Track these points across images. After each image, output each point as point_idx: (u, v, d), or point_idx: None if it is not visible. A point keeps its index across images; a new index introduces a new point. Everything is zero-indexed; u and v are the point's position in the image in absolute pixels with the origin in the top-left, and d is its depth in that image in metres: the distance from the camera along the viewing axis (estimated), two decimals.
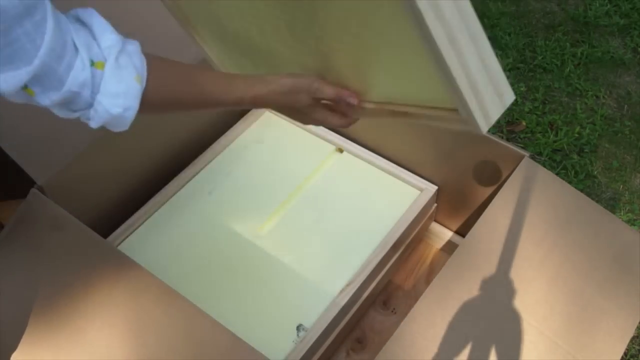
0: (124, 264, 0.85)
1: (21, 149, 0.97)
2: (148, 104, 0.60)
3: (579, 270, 0.92)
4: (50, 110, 0.59)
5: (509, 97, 0.62)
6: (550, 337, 0.84)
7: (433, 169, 1.17)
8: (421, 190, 1.17)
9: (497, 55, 2.15)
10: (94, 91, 0.56)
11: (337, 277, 1.03)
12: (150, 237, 1.09)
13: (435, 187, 1.17)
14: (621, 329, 0.87)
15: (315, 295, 1.01)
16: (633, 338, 1.39)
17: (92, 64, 0.55)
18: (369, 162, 1.21)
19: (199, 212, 1.13)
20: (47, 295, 0.84)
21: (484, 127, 0.60)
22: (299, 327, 0.98)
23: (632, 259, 0.95)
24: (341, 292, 1.01)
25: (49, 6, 0.52)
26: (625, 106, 1.90)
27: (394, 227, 1.10)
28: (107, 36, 0.57)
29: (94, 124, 0.59)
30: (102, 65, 0.56)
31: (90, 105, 0.57)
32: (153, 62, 0.61)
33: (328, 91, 0.70)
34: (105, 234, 1.07)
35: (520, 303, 0.86)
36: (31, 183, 0.94)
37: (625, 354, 1.36)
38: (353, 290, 1.01)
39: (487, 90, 0.62)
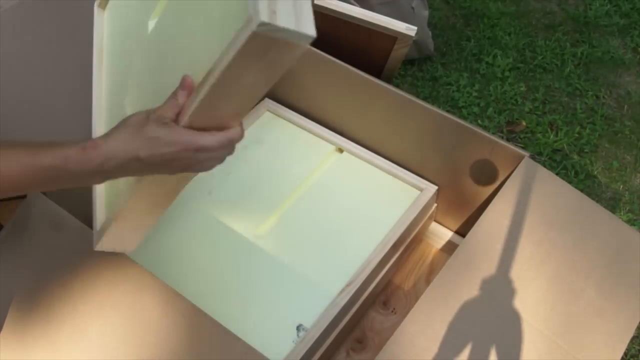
0: (124, 264, 0.85)
1: None
2: None
3: (579, 270, 0.92)
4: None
5: (309, 29, 0.53)
6: (550, 337, 0.84)
7: (433, 169, 1.17)
8: (421, 190, 1.17)
9: (497, 55, 2.14)
10: None
11: (337, 277, 1.03)
12: (150, 237, 1.09)
13: (435, 187, 1.17)
14: (621, 329, 0.87)
15: (315, 295, 1.01)
16: (633, 338, 1.39)
17: None
18: (369, 162, 1.21)
19: (199, 212, 1.13)
20: (46, 295, 0.84)
21: (262, 15, 0.50)
22: (299, 327, 0.97)
23: (632, 259, 0.95)
24: (341, 292, 1.01)
25: None
26: (625, 106, 1.90)
27: (394, 227, 1.10)
28: None
29: None
30: None
31: None
32: None
33: (165, 104, 0.59)
34: None
35: (520, 303, 0.86)
36: None
37: (625, 354, 1.36)
38: (353, 290, 1.01)
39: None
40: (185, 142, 0.57)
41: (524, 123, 1.83)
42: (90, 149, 0.57)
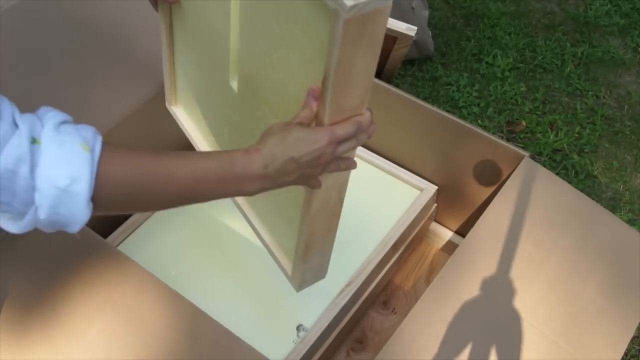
0: (124, 264, 0.85)
1: None
2: (107, 188, 0.52)
3: (579, 270, 0.92)
4: None
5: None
6: (550, 337, 0.84)
7: (433, 169, 1.17)
8: (421, 190, 1.17)
9: (497, 55, 2.14)
10: (33, 166, 0.48)
11: (337, 277, 1.03)
12: (150, 237, 1.09)
13: (435, 187, 1.17)
14: (621, 329, 0.87)
15: (315, 295, 1.01)
16: (633, 338, 1.39)
17: (33, 141, 0.48)
18: (369, 162, 1.21)
19: (199, 212, 1.13)
20: (47, 295, 0.84)
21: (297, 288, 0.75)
22: (299, 327, 0.97)
23: (632, 259, 0.95)
24: (341, 292, 1.01)
25: None
26: (626, 106, 1.90)
27: (394, 227, 1.10)
28: (51, 113, 0.52)
29: (42, 213, 0.50)
30: (39, 141, 0.49)
31: (32, 188, 0.48)
32: (110, 144, 0.54)
33: (300, 114, 0.62)
34: (105, 234, 1.07)
35: (521, 303, 0.86)
36: None
37: (625, 354, 1.36)
38: (353, 290, 1.01)
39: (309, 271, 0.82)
40: (328, 136, 0.60)
41: (524, 123, 1.82)
42: (253, 152, 0.59)
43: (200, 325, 0.80)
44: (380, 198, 1.15)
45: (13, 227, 0.52)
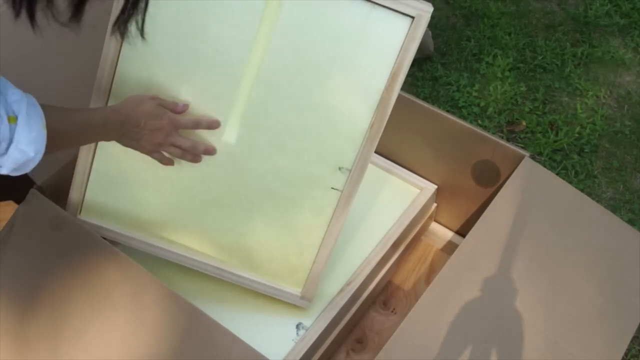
0: (124, 264, 0.85)
1: None
2: (50, 144, 0.68)
3: (579, 270, 0.92)
4: None
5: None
6: (550, 337, 0.84)
7: (433, 169, 1.17)
8: (420, 189, 1.17)
9: (497, 55, 2.13)
10: (10, 143, 0.63)
11: (336, 277, 1.03)
12: None
13: (435, 187, 1.17)
14: (621, 329, 0.87)
15: (314, 295, 1.01)
16: (633, 338, 1.39)
17: (7, 119, 0.62)
18: (369, 162, 1.21)
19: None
20: (46, 295, 0.83)
21: (428, 7, 0.79)
22: (298, 326, 0.97)
23: (632, 259, 0.95)
24: (340, 291, 1.01)
25: None
26: (626, 106, 1.90)
27: (393, 227, 1.10)
28: (12, 91, 0.64)
29: (4, 170, 0.65)
30: (15, 120, 0.63)
31: (2, 154, 0.63)
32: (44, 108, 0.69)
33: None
34: None
35: (521, 303, 0.86)
36: (31, 183, 0.94)
37: (625, 354, 1.36)
38: (352, 290, 1.01)
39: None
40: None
41: (524, 123, 1.82)
42: (116, 113, 0.87)
43: (200, 325, 0.80)
44: (379, 197, 1.15)
45: None
